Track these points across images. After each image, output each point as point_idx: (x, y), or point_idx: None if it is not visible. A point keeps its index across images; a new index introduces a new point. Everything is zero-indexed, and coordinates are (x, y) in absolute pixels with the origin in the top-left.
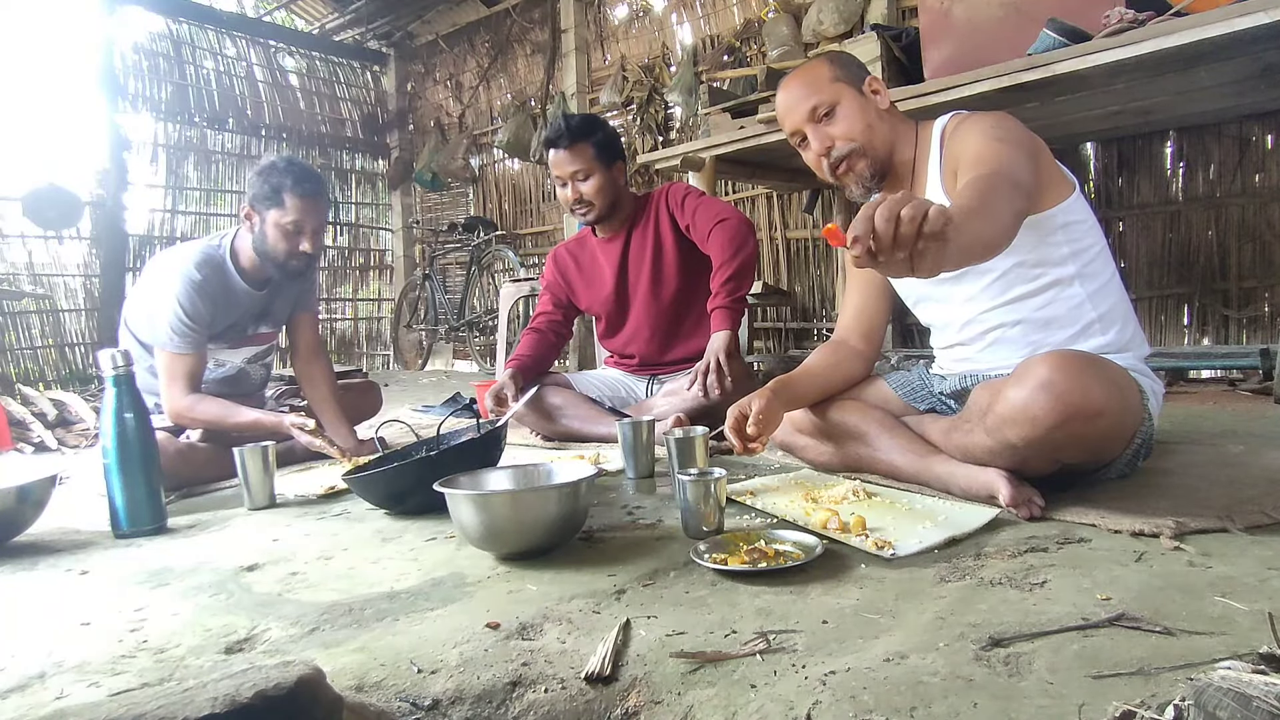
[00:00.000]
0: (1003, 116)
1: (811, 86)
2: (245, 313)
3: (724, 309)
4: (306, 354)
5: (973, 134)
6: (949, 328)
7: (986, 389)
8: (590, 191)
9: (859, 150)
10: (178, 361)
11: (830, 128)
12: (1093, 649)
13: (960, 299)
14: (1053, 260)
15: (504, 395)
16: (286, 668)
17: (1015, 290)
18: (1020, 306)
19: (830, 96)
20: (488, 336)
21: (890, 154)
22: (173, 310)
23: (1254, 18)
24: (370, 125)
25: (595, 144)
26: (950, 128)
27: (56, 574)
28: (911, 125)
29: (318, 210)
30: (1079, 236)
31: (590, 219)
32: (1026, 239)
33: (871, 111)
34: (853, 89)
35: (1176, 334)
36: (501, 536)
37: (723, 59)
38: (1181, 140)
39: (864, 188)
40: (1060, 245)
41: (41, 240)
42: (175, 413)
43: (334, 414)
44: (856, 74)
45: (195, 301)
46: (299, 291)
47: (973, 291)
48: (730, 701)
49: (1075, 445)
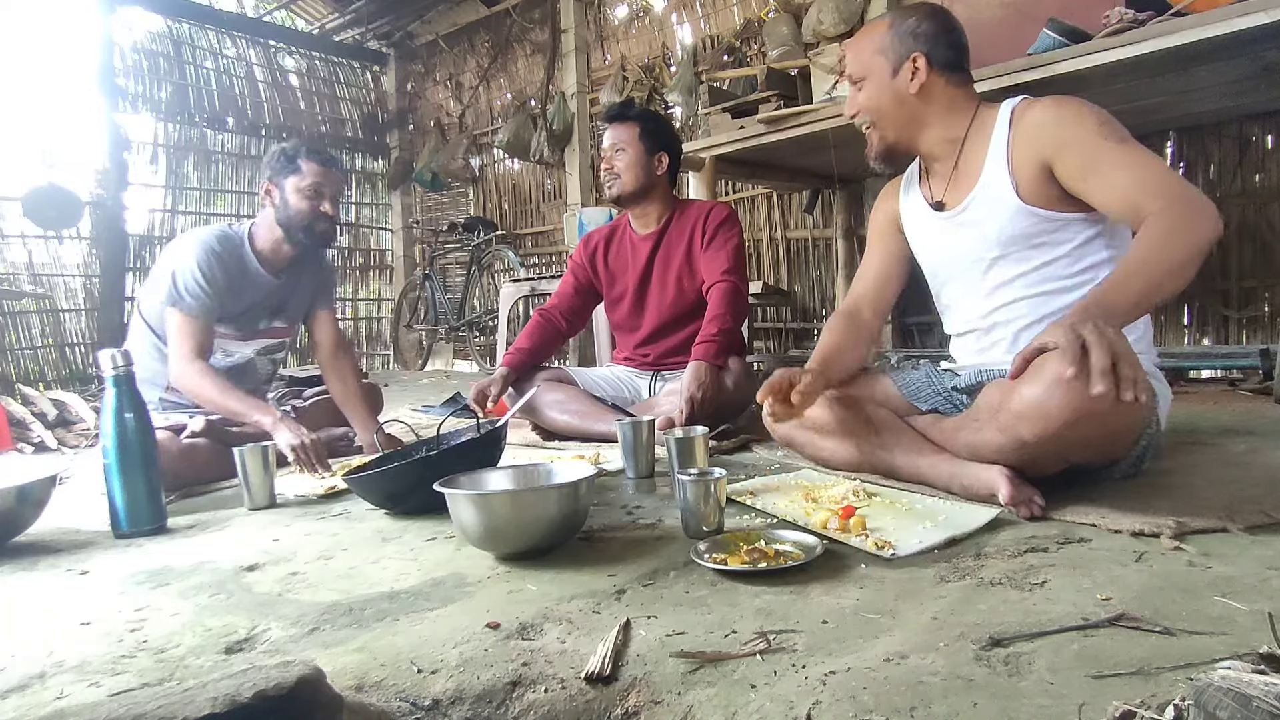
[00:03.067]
0: (1091, 107)
1: (855, 52)
2: (259, 302)
3: (706, 343)
4: (331, 351)
5: (1078, 128)
6: (971, 313)
7: (998, 386)
8: (621, 165)
9: (874, 125)
10: (188, 323)
11: (858, 94)
12: (1093, 649)
13: (989, 286)
14: (1091, 262)
15: (487, 394)
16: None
17: (1047, 285)
18: (1049, 301)
19: (861, 69)
20: (488, 336)
21: (906, 139)
22: (189, 269)
23: (1254, 18)
24: (370, 125)
25: (643, 127)
26: (1021, 107)
27: (56, 574)
28: (967, 107)
29: (332, 177)
30: (1118, 241)
31: (614, 192)
32: (1074, 236)
33: (891, 94)
34: (887, 66)
35: (1176, 334)
36: (501, 536)
37: (723, 59)
38: (1181, 140)
39: (872, 160)
40: (1101, 249)
41: (41, 240)
42: (179, 373)
43: (358, 409)
44: (906, 48)
45: (213, 266)
46: (314, 288)
47: (1004, 278)
48: (730, 701)
49: (1086, 443)
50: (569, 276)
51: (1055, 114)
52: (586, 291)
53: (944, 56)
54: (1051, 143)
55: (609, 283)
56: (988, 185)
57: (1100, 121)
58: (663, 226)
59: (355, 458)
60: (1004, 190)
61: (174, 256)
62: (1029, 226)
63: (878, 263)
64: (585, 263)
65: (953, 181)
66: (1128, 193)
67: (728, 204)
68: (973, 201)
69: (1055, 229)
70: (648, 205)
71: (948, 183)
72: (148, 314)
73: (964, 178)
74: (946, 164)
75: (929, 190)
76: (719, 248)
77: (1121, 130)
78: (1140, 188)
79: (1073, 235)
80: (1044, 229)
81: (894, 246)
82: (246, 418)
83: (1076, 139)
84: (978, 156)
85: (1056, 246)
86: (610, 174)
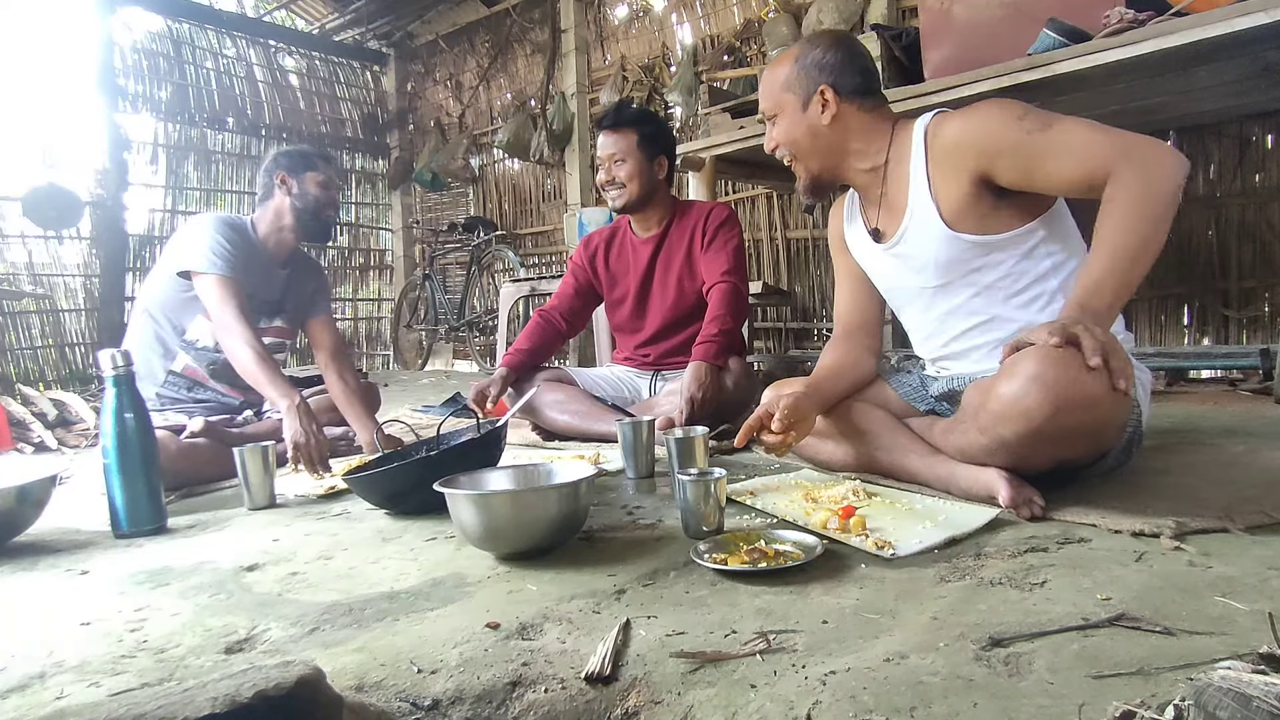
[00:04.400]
0: (1004, 104)
1: (765, 88)
2: (262, 291)
3: (706, 344)
4: (330, 355)
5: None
6: (930, 339)
7: (977, 388)
8: (624, 176)
9: (793, 158)
10: (224, 284)
11: (774, 130)
12: (1093, 649)
13: (938, 314)
14: (1036, 274)
15: (487, 394)
16: (286, 668)
17: (995, 309)
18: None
19: (772, 106)
20: (488, 336)
21: (830, 169)
22: (211, 236)
23: (1254, 18)
24: (370, 125)
25: (641, 133)
26: (933, 125)
27: (56, 574)
28: (884, 131)
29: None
30: (1059, 242)
31: (621, 203)
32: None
33: (804, 128)
34: (797, 102)
35: (1176, 334)
36: (501, 536)
37: (723, 59)
38: (1181, 140)
39: (804, 192)
40: (1042, 259)
41: (41, 240)
42: (227, 332)
43: (356, 410)
44: (812, 81)
45: (230, 235)
46: (312, 292)
47: (949, 306)
48: (730, 701)
49: (1069, 437)
50: (569, 278)
51: (973, 126)
52: (586, 293)
53: (852, 84)
54: (980, 155)
55: (610, 285)
56: (914, 214)
57: (1019, 116)
58: (664, 229)
59: (355, 458)
60: (931, 219)
61: (188, 235)
62: (961, 252)
63: (848, 284)
64: (585, 264)
65: (884, 211)
66: (1074, 176)
67: (728, 205)
68: (905, 233)
69: (990, 251)
70: (649, 209)
71: (879, 211)
72: (152, 300)
73: (893, 207)
74: (875, 192)
75: (866, 218)
76: (719, 249)
77: (1041, 114)
78: (1085, 165)
79: (1010, 253)
80: (978, 252)
81: (852, 271)
82: (267, 391)
83: (1003, 142)
84: (901, 183)
85: (995, 268)
86: (613, 185)
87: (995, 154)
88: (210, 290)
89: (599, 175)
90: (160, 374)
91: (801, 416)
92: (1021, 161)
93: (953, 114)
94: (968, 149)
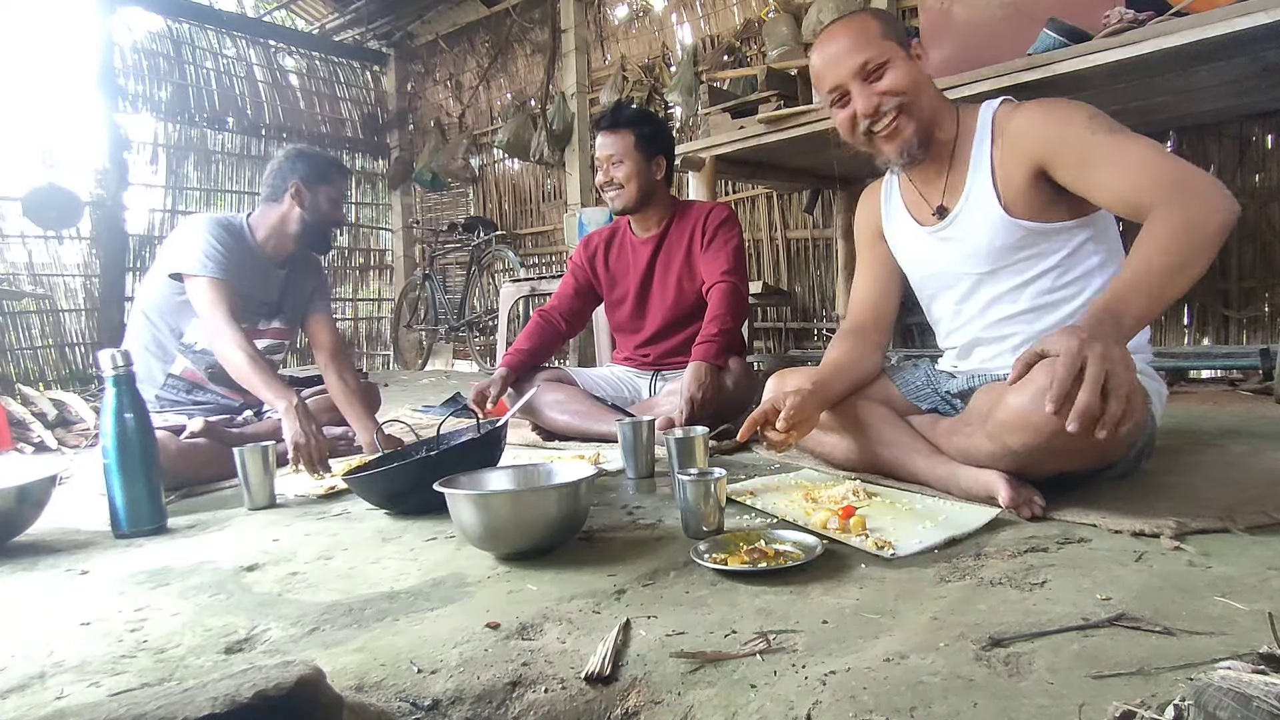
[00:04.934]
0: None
1: (862, 39)
2: (258, 291)
3: (706, 343)
4: (330, 354)
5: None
6: (963, 329)
7: (988, 392)
8: (622, 176)
9: (908, 108)
10: (215, 287)
11: (879, 84)
12: (1093, 649)
13: (980, 303)
14: (1082, 270)
15: (487, 394)
16: (286, 668)
17: (1039, 300)
18: (1041, 317)
19: (880, 53)
20: (488, 336)
21: (934, 124)
22: (203, 238)
23: (1254, 18)
24: (370, 125)
25: (638, 134)
26: (1004, 112)
27: (56, 574)
28: (951, 105)
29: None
30: (1108, 243)
31: (620, 204)
32: (1063, 245)
33: (917, 70)
34: (901, 49)
35: (1176, 334)
36: (501, 536)
37: (723, 59)
38: (1181, 140)
39: (905, 155)
40: (1091, 255)
41: (41, 240)
42: (217, 337)
43: (356, 409)
44: (901, 32)
45: (224, 237)
46: (311, 291)
47: (994, 295)
48: (730, 701)
49: (1077, 453)
50: (569, 278)
51: (1042, 117)
52: (586, 293)
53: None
54: (1042, 146)
55: (610, 285)
56: (973, 198)
57: (1088, 116)
58: (663, 229)
59: (355, 458)
60: (989, 203)
61: (181, 237)
62: (1016, 240)
63: (871, 275)
64: (585, 265)
65: (940, 190)
66: (1124, 191)
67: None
68: (959, 215)
69: (1043, 240)
70: (649, 209)
71: (938, 191)
72: (149, 303)
73: (949, 188)
74: (934, 169)
75: (911, 202)
76: (719, 248)
77: (1111, 122)
78: (1137, 183)
79: (1061, 245)
80: (1031, 241)
81: (885, 255)
82: (263, 394)
83: (1067, 139)
84: (963, 164)
85: (1045, 258)
86: (612, 186)
87: (1059, 148)
88: (201, 293)
89: (597, 176)
90: (159, 377)
91: (805, 416)
92: (1079, 159)
93: (1026, 104)
94: (1034, 139)
